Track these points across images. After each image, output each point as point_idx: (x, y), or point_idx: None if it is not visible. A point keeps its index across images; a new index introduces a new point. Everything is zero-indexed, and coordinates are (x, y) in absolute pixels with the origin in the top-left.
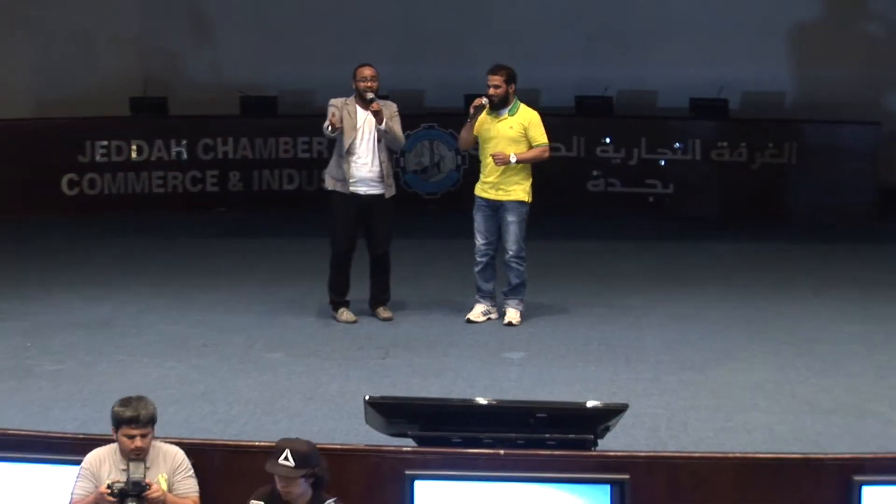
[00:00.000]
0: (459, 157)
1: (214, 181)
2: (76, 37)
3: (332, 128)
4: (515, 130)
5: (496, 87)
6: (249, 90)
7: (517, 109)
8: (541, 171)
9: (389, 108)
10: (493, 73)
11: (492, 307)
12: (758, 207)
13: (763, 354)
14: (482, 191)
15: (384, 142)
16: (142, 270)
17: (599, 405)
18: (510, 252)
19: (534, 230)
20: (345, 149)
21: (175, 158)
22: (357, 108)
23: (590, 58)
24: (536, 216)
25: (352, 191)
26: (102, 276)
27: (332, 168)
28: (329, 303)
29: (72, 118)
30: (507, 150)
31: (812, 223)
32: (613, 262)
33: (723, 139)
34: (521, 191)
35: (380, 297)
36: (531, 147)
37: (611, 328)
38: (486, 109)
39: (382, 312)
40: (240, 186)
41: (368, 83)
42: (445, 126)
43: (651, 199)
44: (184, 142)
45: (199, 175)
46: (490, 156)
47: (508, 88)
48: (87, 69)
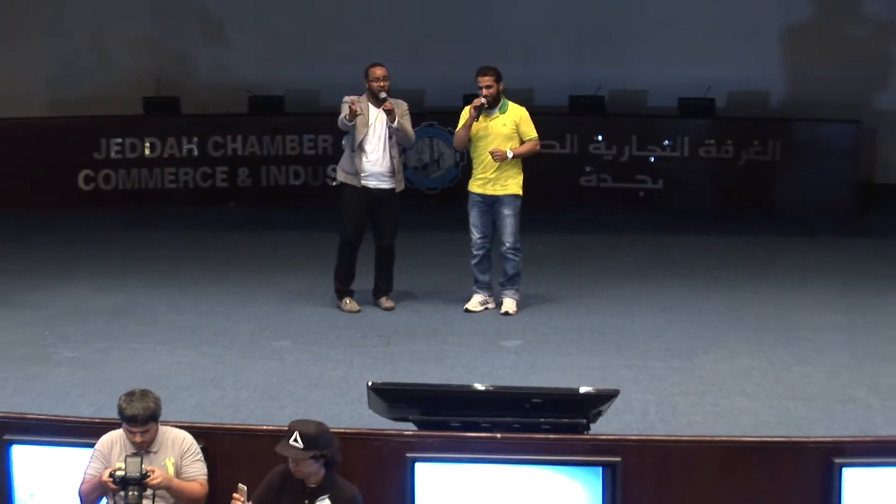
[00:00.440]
0: (458, 154)
1: (224, 177)
2: (91, 39)
3: (352, 115)
4: (508, 127)
5: (488, 87)
6: (257, 90)
7: (507, 107)
8: (536, 167)
9: (400, 107)
10: (484, 75)
11: (489, 297)
12: (744, 202)
13: (748, 343)
14: (478, 187)
15: (395, 138)
16: (154, 262)
17: (592, 391)
18: (506, 244)
19: (529, 224)
20: (357, 144)
21: (186, 155)
22: (369, 106)
23: (582, 59)
24: (532, 210)
25: (363, 184)
26: (117, 268)
27: (345, 162)
28: (334, 291)
29: (87, 117)
30: (503, 147)
31: (795, 217)
32: (605, 255)
33: (710, 137)
34: (516, 185)
35: (383, 288)
36: (522, 142)
37: (603, 317)
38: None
39: (385, 302)
40: (248, 182)
41: (381, 82)
42: (445, 124)
43: (641, 194)
44: (195, 139)
45: (210, 171)
46: (489, 153)
47: (499, 87)
48: (102, 70)
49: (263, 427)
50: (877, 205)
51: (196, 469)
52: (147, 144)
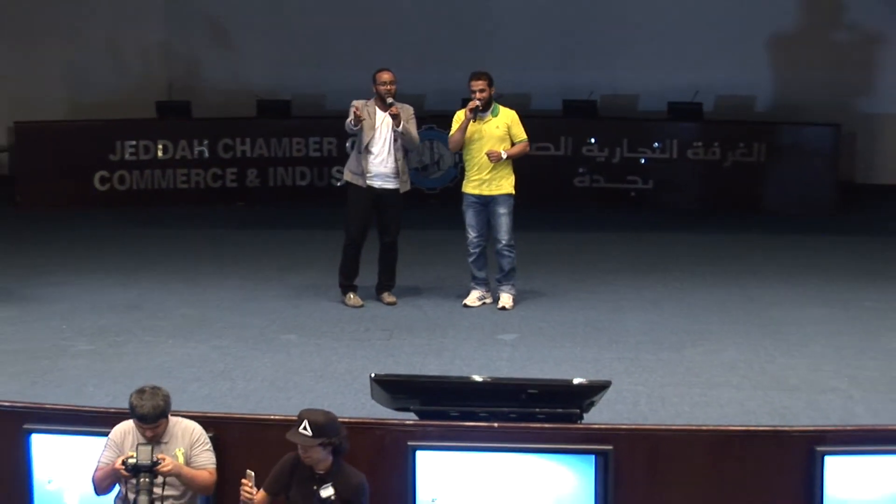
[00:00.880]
0: (457, 156)
1: (233, 178)
2: (107, 46)
3: (356, 120)
4: (501, 130)
5: (481, 91)
6: (265, 94)
7: (498, 111)
8: (531, 168)
9: (406, 111)
10: (477, 79)
11: (486, 293)
12: (730, 201)
13: (734, 336)
14: (472, 188)
15: (400, 141)
16: (167, 259)
17: (585, 382)
18: (502, 241)
19: (525, 222)
20: (363, 146)
21: (197, 157)
22: (376, 109)
23: (575, 65)
24: (527, 209)
25: (368, 184)
26: (131, 264)
27: (352, 163)
28: (339, 286)
29: (103, 120)
30: (496, 148)
31: (779, 215)
32: (598, 252)
33: (698, 139)
34: (509, 185)
35: (386, 284)
36: (513, 143)
37: (595, 312)
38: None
39: (387, 297)
40: (256, 182)
41: (388, 87)
42: (444, 127)
43: (632, 194)
44: (205, 142)
45: (220, 172)
46: (486, 154)
47: (490, 91)
48: (117, 76)
49: (271, 417)
50: (857, 204)
51: (205, 458)
52: (160, 147)
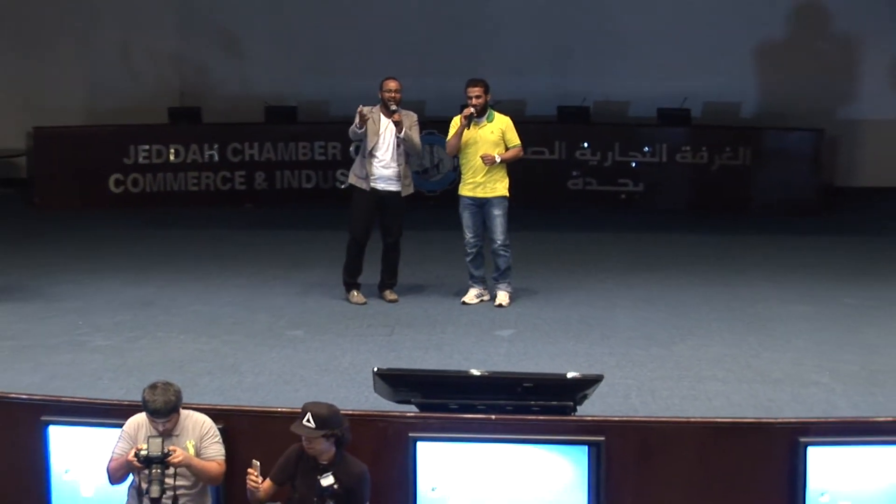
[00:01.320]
0: (455, 160)
1: (242, 180)
2: (122, 55)
3: (361, 121)
4: (495, 135)
5: (477, 98)
6: (273, 101)
7: (493, 116)
8: (526, 172)
9: (410, 118)
10: (474, 86)
11: (484, 290)
12: (717, 203)
13: (721, 331)
14: (468, 190)
15: (403, 147)
16: (179, 258)
17: (578, 376)
18: (497, 242)
19: (520, 223)
20: (368, 150)
21: (208, 160)
22: (381, 116)
23: (569, 73)
24: (523, 211)
25: (371, 187)
26: (144, 263)
27: (356, 167)
28: (343, 284)
29: (118, 125)
30: (491, 153)
31: (764, 216)
32: (590, 252)
33: (686, 144)
34: (503, 187)
35: (388, 282)
36: (507, 148)
37: (588, 309)
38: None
39: (389, 295)
40: (264, 185)
41: (393, 94)
42: (444, 132)
43: (623, 196)
44: (215, 146)
45: (229, 175)
46: (480, 157)
47: (487, 98)
48: (131, 83)
49: (278, 409)
50: (838, 205)
51: (214, 450)
52: (172, 151)
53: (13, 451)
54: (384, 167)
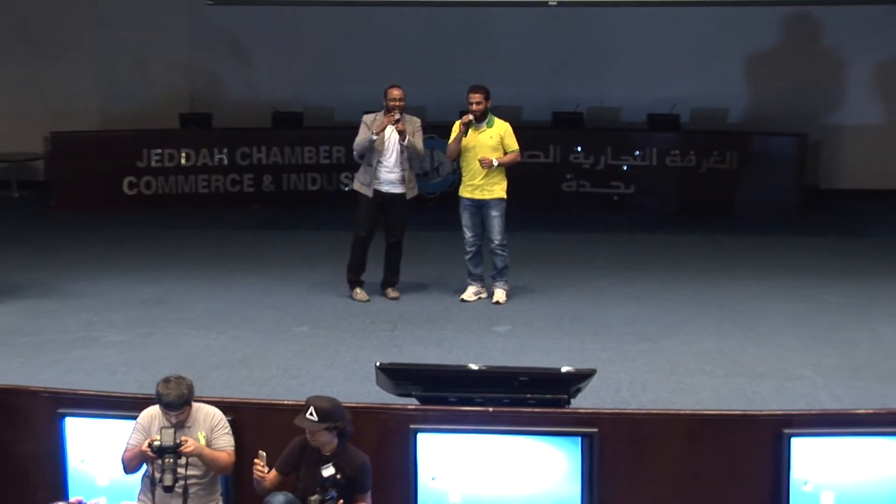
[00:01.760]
0: (454, 163)
1: (250, 183)
2: (135, 62)
3: (381, 131)
4: (494, 140)
5: (478, 104)
6: (280, 107)
7: (493, 122)
8: (522, 175)
9: (413, 124)
10: (475, 92)
11: (482, 288)
12: (704, 205)
13: (709, 328)
14: (467, 192)
15: (406, 153)
16: (189, 257)
17: (572, 370)
18: (495, 241)
19: (517, 224)
20: (375, 158)
21: (217, 164)
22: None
23: (564, 80)
24: (519, 212)
25: (375, 189)
26: (157, 262)
27: (361, 173)
28: (347, 281)
29: (131, 130)
30: (490, 157)
31: (750, 218)
32: (584, 251)
33: (675, 148)
34: (501, 190)
35: (390, 280)
36: (506, 153)
37: (582, 306)
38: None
39: (391, 293)
40: (271, 187)
41: (396, 102)
42: (444, 136)
43: (615, 198)
44: (225, 150)
45: (238, 178)
46: (478, 161)
47: (487, 104)
48: (144, 90)
49: (285, 402)
50: (821, 207)
51: (224, 441)
52: (183, 154)
53: (32, 442)
54: (388, 172)
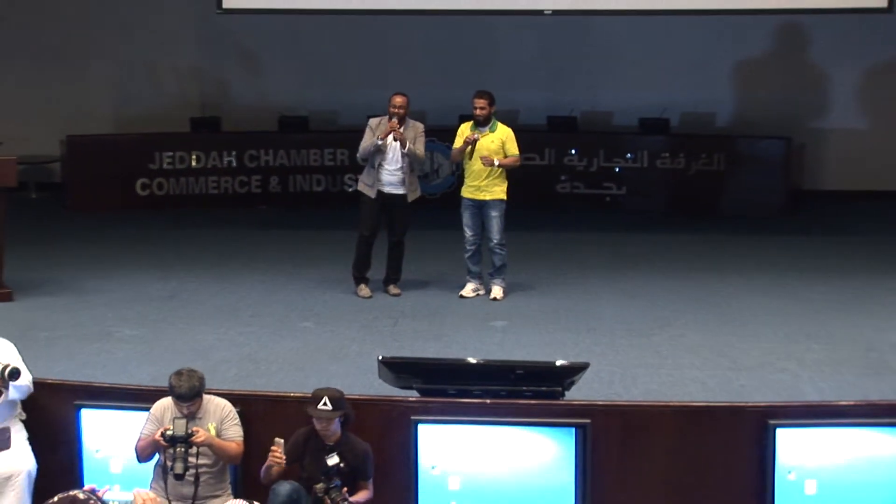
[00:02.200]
0: (454, 165)
1: (258, 184)
2: (147, 68)
3: (384, 137)
4: (496, 144)
5: (482, 109)
6: (286, 111)
7: (496, 127)
8: (519, 176)
9: (416, 128)
10: (480, 97)
11: (480, 285)
12: (693, 205)
13: (697, 323)
14: (469, 193)
15: (407, 157)
16: (200, 255)
17: (566, 364)
18: (494, 241)
19: (514, 223)
20: (377, 160)
21: (226, 166)
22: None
23: (558, 85)
24: (516, 212)
25: (378, 190)
26: (168, 260)
27: (364, 175)
28: (352, 277)
29: (144, 133)
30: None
31: (737, 218)
32: (578, 250)
33: (665, 150)
34: (501, 191)
35: (392, 277)
36: (506, 157)
37: (575, 302)
38: (471, 125)
39: (393, 289)
40: (278, 189)
41: (397, 109)
42: (443, 140)
43: (608, 199)
44: (233, 152)
45: (246, 179)
46: (480, 158)
47: (491, 109)
48: (156, 94)
49: (291, 394)
50: (805, 207)
51: (234, 432)
52: (193, 157)
53: (49, 432)
54: (390, 174)
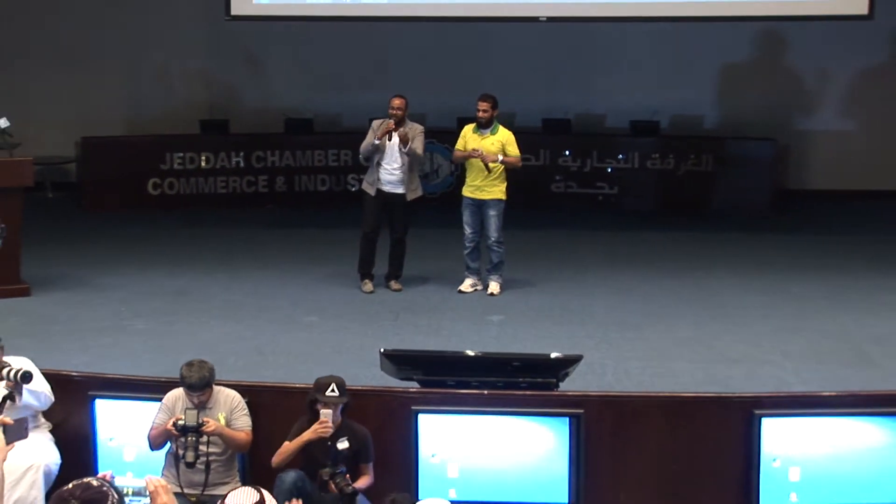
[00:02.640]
0: (453, 166)
1: (265, 184)
2: (158, 73)
3: (387, 133)
4: (497, 146)
5: (485, 112)
6: (291, 113)
7: (497, 129)
8: (515, 176)
9: (415, 130)
10: (483, 100)
11: (478, 281)
12: (683, 205)
13: (686, 317)
14: (469, 192)
15: (408, 157)
16: (209, 253)
17: (561, 356)
18: (492, 238)
19: (509, 222)
20: (377, 159)
21: (234, 167)
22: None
23: (553, 89)
24: (512, 211)
25: (378, 189)
26: (179, 257)
27: (367, 174)
28: (357, 272)
29: (155, 135)
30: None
31: (724, 217)
32: (571, 247)
33: (655, 151)
34: (500, 191)
35: (393, 273)
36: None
37: (569, 297)
38: (474, 127)
39: (394, 285)
40: (284, 188)
41: (396, 111)
42: (442, 141)
43: (600, 198)
44: (241, 153)
45: (253, 179)
46: (481, 154)
47: (493, 112)
48: (167, 98)
49: (296, 385)
50: (790, 206)
51: (243, 422)
52: (203, 158)
53: (65, 422)
54: (389, 173)
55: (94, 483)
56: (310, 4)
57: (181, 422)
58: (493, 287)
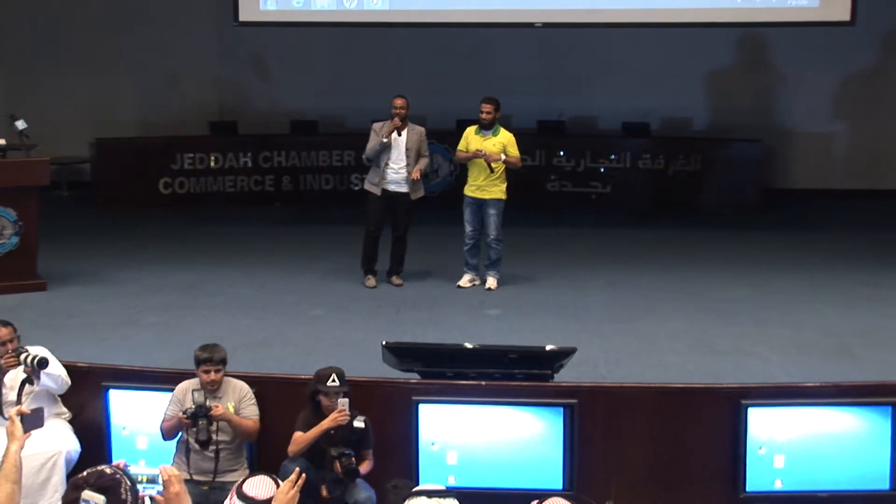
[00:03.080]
0: (452, 166)
1: (271, 183)
2: (169, 76)
3: (389, 133)
4: (497, 147)
5: (488, 113)
6: (297, 116)
7: (499, 131)
8: (511, 176)
9: (419, 133)
10: (487, 102)
11: (476, 276)
12: (672, 203)
13: (676, 311)
14: (470, 191)
15: (410, 157)
16: (218, 249)
17: (555, 349)
18: (491, 236)
19: (506, 220)
20: (384, 160)
21: (242, 166)
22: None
23: (549, 92)
24: (508, 210)
25: (382, 188)
26: (189, 253)
27: (371, 174)
28: (361, 268)
29: (166, 136)
30: (492, 164)
31: (712, 215)
32: (566, 244)
33: (646, 152)
34: (500, 191)
35: (395, 269)
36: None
37: (564, 292)
38: (476, 129)
39: (395, 280)
40: (290, 187)
41: (397, 110)
42: (442, 142)
43: (593, 197)
44: (249, 154)
45: (260, 179)
46: (484, 152)
47: (496, 114)
48: (177, 100)
49: (301, 376)
50: (776, 205)
51: (251, 411)
52: (212, 158)
53: (80, 412)
54: (395, 173)
55: (108, 471)
56: (314, 11)
57: (190, 409)
58: (491, 282)
